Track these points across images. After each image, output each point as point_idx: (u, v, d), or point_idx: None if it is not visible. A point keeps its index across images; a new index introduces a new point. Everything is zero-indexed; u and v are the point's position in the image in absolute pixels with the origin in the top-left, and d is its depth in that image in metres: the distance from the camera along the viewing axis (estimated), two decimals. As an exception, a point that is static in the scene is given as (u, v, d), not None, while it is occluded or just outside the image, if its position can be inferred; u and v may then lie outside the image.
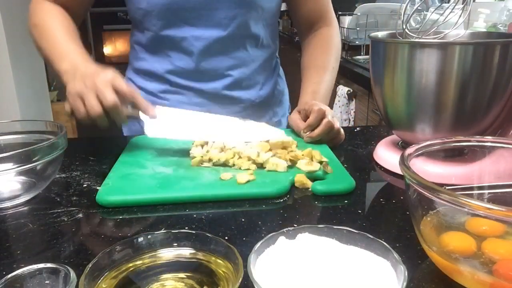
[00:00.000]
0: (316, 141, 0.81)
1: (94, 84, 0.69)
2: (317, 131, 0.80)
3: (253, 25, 0.92)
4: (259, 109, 1.01)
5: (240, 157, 0.70)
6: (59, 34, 0.84)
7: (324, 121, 0.80)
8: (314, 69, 0.98)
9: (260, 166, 0.70)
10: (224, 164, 0.71)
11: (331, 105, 1.93)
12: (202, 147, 0.74)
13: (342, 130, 0.84)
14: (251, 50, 0.95)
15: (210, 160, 0.71)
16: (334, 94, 2.17)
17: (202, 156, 0.71)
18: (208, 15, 0.87)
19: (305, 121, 0.83)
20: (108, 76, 0.70)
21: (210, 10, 0.87)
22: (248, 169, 0.69)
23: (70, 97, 0.71)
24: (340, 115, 2.16)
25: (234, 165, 0.70)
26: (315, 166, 0.68)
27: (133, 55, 0.99)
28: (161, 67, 0.94)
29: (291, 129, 0.88)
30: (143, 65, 0.96)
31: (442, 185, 0.40)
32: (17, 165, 0.59)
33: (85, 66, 0.75)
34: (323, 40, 1.02)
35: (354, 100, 2.09)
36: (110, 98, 0.68)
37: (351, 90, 2.09)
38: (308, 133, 0.81)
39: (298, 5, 1.01)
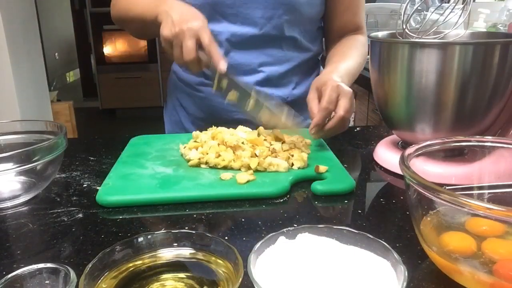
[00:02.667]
0: (322, 134, 0.77)
1: (181, 33, 0.73)
2: (328, 125, 0.76)
3: (287, 28, 0.92)
4: (291, 108, 1.00)
5: (235, 160, 0.70)
6: None
7: (337, 116, 0.75)
8: (338, 56, 0.95)
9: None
10: (224, 167, 0.70)
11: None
12: (197, 149, 0.73)
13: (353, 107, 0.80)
14: (287, 50, 0.95)
15: (207, 163, 0.71)
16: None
17: (199, 159, 0.71)
18: (245, 13, 0.90)
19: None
20: (194, 27, 0.73)
21: (248, 9, 0.90)
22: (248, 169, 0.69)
23: (162, 40, 0.76)
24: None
25: (232, 168, 0.70)
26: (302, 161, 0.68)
27: None
28: None
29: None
30: None
31: (442, 185, 0.40)
32: (17, 165, 0.59)
33: (176, 11, 0.77)
34: (350, 40, 1.00)
35: (354, 100, 2.09)
36: (190, 51, 0.72)
37: (351, 90, 2.09)
38: (315, 133, 0.77)
39: (335, 16, 0.99)
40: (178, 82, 1.04)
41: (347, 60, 0.93)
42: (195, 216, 0.58)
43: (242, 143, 0.72)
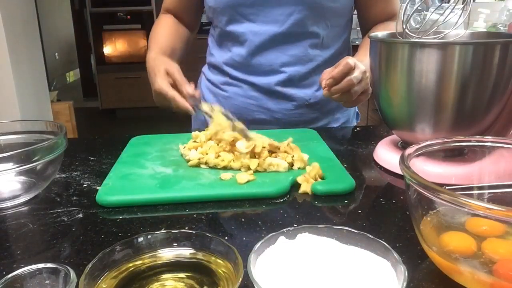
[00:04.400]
0: (333, 96, 0.77)
1: (166, 91, 0.83)
2: (336, 86, 0.76)
3: (311, 23, 0.92)
4: (314, 110, 1.00)
5: (235, 160, 0.70)
6: (160, 31, 1.03)
7: (347, 78, 0.76)
8: (363, 48, 0.94)
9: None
10: (224, 167, 0.70)
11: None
12: (196, 149, 0.73)
13: (370, 89, 0.80)
14: (310, 49, 0.95)
15: (206, 163, 0.71)
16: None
17: (199, 159, 0.71)
18: (266, 12, 0.91)
19: None
20: (155, 87, 0.85)
21: (268, 7, 0.91)
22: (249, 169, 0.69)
23: (152, 91, 0.88)
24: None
25: (231, 168, 0.70)
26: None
27: (208, 51, 1.08)
28: (222, 58, 1.01)
29: None
30: (211, 59, 1.05)
31: (442, 185, 0.40)
32: (17, 165, 0.59)
33: (151, 65, 0.90)
34: (385, 24, 0.99)
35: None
36: (180, 102, 0.80)
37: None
38: (327, 86, 0.77)
39: (368, 5, 0.99)
40: (206, 82, 1.08)
41: None
42: (195, 216, 0.58)
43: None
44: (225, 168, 0.70)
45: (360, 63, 0.79)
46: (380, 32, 0.77)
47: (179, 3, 1.06)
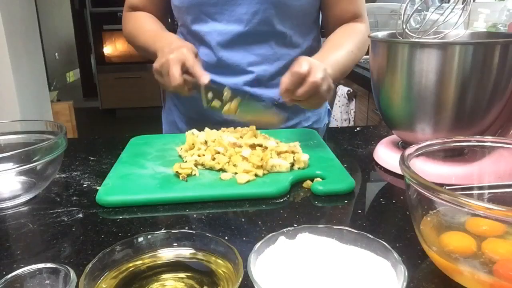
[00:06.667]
0: (298, 102, 0.74)
1: (166, 62, 0.78)
2: (301, 90, 0.71)
3: (277, 22, 0.91)
4: (283, 110, 0.97)
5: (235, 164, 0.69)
6: (150, 27, 0.97)
7: (310, 80, 0.70)
8: (331, 45, 0.92)
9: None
10: (221, 170, 0.70)
11: (331, 105, 1.92)
12: (192, 151, 0.73)
13: (332, 86, 0.77)
14: (277, 47, 0.94)
15: (203, 164, 0.71)
16: (334, 94, 2.16)
17: (196, 161, 0.71)
18: (230, 11, 0.90)
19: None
20: (178, 54, 0.78)
21: (232, 6, 0.89)
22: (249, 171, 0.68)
23: (154, 72, 0.83)
24: (340, 115, 2.16)
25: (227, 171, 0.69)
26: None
27: None
28: None
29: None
30: None
31: (442, 185, 0.40)
32: (17, 165, 0.59)
33: (168, 46, 0.83)
34: (350, 29, 0.96)
35: (354, 100, 2.09)
36: (175, 77, 0.76)
37: (351, 90, 2.09)
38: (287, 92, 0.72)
39: (330, 4, 0.97)
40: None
41: (337, 50, 0.89)
42: (195, 216, 0.58)
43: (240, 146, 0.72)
44: (222, 170, 0.70)
45: (316, 60, 0.75)
46: (380, 32, 0.77)
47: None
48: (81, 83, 5.43)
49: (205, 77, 0.77)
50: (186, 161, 0.71)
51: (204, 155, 0.71)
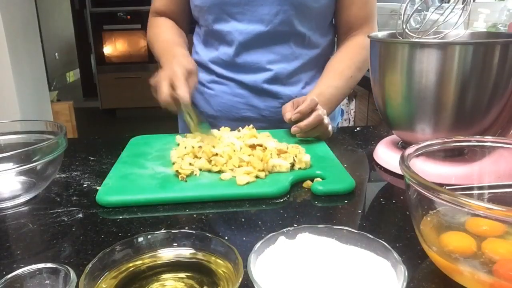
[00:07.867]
0: (303, 134, 0.81)
1: (159, 80, 0.82)
2: (305, 121, 0.79)
3: (297, 23, 0.93)
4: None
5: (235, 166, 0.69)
6: (165, 37, 1.01)
7: (315, 113, 0.80)
8: (332, 73, 0.97)
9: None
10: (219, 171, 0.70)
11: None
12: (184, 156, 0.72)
13: (330, 127, 0.84)
14: (296, 47, 0.96)
15: (200, 169, 0.70)
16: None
17: (190, 163, 0.70)
18: (252, 11, 0.92)
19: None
20: (169, 73, 0.82)
21: (254, 6, 0.91)
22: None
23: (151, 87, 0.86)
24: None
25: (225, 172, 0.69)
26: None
27: (192, 49, 1.08)
28: (207, 57, 1.01)
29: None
30: (196, 57, 1.04)
31: (442, 185, 0.40)
32: (17, 165, 0.59)
33: (168, 64, 0.87)
34: (354, 48, 0.99)
35: (354, 100, 2.09)
36: (163, 95, 0.80)
37: (351, 90, 2.09)
38: (295, 123, 0.80)
39: (342, 7, 0.98)
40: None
41: (338, 81, 0.95)
42: (195, 216, 0.58)
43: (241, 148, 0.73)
44: (220, 172, 0.69)
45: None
46: (380, 32, 0.77)
47: (172, 3, 1.04)
48: (81, 83, 5.42)
49: (185, 97, 0.79)
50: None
51: (200, 157, 0.71)
